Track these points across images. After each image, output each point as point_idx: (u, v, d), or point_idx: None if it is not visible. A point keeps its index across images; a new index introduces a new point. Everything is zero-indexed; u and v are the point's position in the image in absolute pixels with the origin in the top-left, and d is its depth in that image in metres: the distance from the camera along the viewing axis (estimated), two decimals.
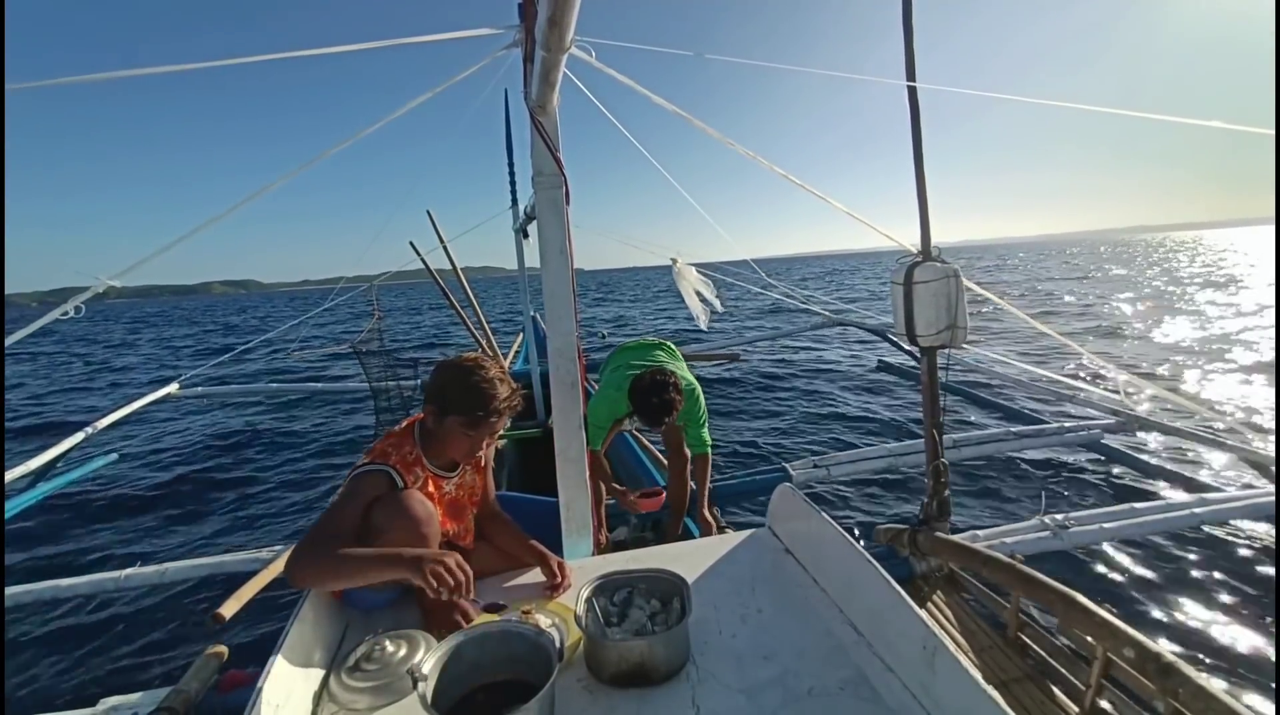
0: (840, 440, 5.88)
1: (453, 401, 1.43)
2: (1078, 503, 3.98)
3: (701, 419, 2.56)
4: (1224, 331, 10.76)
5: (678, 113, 1.68)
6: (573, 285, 1.72)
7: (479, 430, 1.44)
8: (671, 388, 2.31)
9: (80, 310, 1.31)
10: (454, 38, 1.45)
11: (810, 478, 3.06)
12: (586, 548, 1.86)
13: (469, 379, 1.42)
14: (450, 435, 1.45)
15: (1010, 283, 28.37)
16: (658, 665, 1.17)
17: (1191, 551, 3.19)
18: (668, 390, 2.29)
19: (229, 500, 5.08)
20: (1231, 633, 2.59)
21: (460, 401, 1.42)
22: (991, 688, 0.94)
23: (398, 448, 1.45)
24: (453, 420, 1.43)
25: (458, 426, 1.43)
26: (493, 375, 1.44)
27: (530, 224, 3.89)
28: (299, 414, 8.12)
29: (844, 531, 1.41)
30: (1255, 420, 5.65)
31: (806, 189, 2.06)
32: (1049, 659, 1.69)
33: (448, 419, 1.44)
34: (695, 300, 2.65)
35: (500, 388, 1.44)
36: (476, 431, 1.44)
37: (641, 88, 1.60)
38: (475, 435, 1.45)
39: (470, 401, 1.41)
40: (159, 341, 23.28)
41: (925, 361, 2.18)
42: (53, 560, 4.03)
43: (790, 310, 14.74)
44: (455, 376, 1.43)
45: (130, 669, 2.78)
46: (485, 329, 5.64)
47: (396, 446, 1.45)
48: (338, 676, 1.20)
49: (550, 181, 1.66)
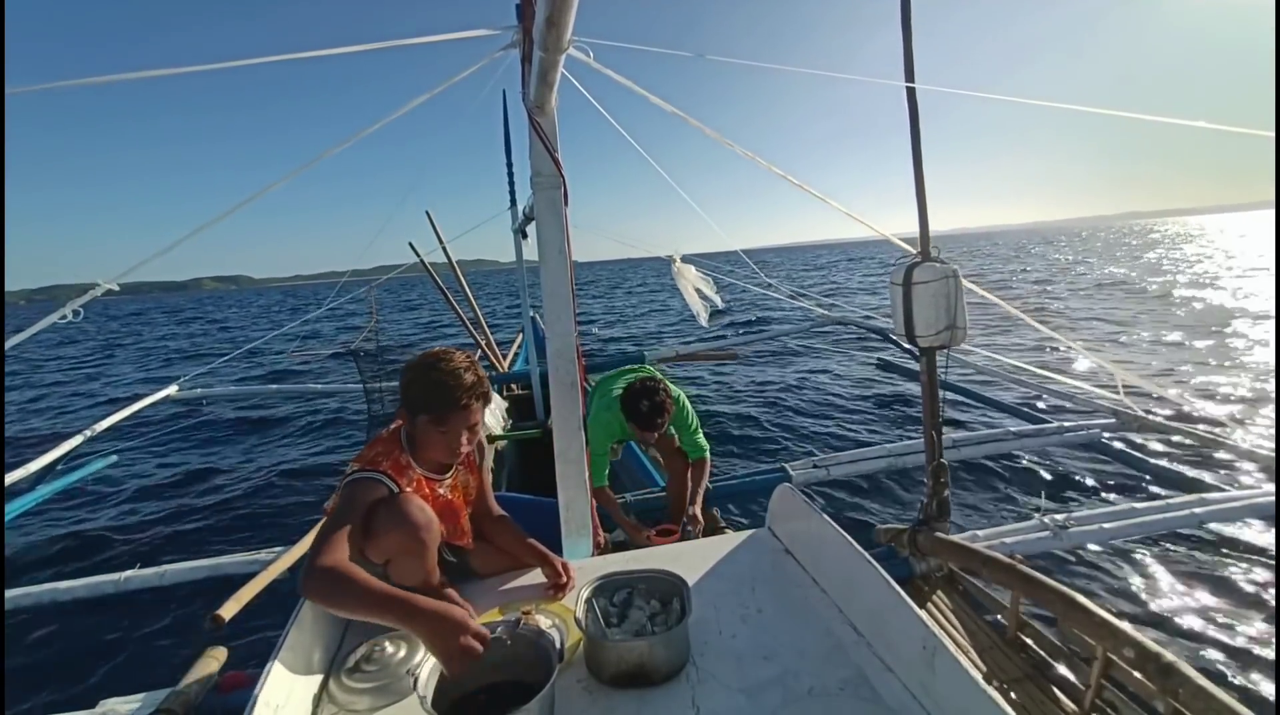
0: (840, 440, 5.88)
1: (419, 400, 1.39)
2: (1077, 502, 3.98)
3: (693, 425, 2.64)
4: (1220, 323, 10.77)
5: (675, 112, 1.68)
6: (571, 285, 1.72)
7: (450, 424, 1.40)
8: (661, 391, 2.42)
9: (79, 314, 1.31)
10: (452, 38, 1.45)
11: (810, 478, 3.06)
12: (586, 548, 1.86)
13: (430, 374, 1.38)
14: (425, 435, 1.42)
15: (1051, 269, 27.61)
16: (658, 666, 1.17)
17: (1191, 551, 3.19)
18: (657, 393, 2.40)
19: (228, 502, 5.07)
20: (1231, 632, 2.59)
21: (425, 399, 1.38)
22: (991, 688, 0.94)
23: (387, 453, 1.41)
24: (423, 420, 1.40)
25: (428, 425, 1.39)
26: (454, 365, 1.39)
27: (529, 224, 3.89)
28: (298, 415, 8.11)
29: (844, 531, 1.41)
30: (1255, 418, 5.66)
31: (805, 189, 2.07)
32: (1049, 659, 1.69)
33: (419, 419, 1.40)
34: (695, 297, 2.65)
35: (464, 377, 1.38)
36: (448, 426, 1.40)
37: (639, 88, 1.60)
38: (448, 430, 1.40)
39: (434, 397, 1.37)
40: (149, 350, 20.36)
41: (925, 362, 2.18)
42: (52, 562, 4.02)
43: (790, 309, 14.75)
44: (417, 374, 1.39)
45: (130, 670, 2.77)
46: (483, 327, 5.63)
47: (386, 452, 1.42)
48: (337, 678, 1.20)
49: (549, 182, 1.66)
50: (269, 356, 13.79)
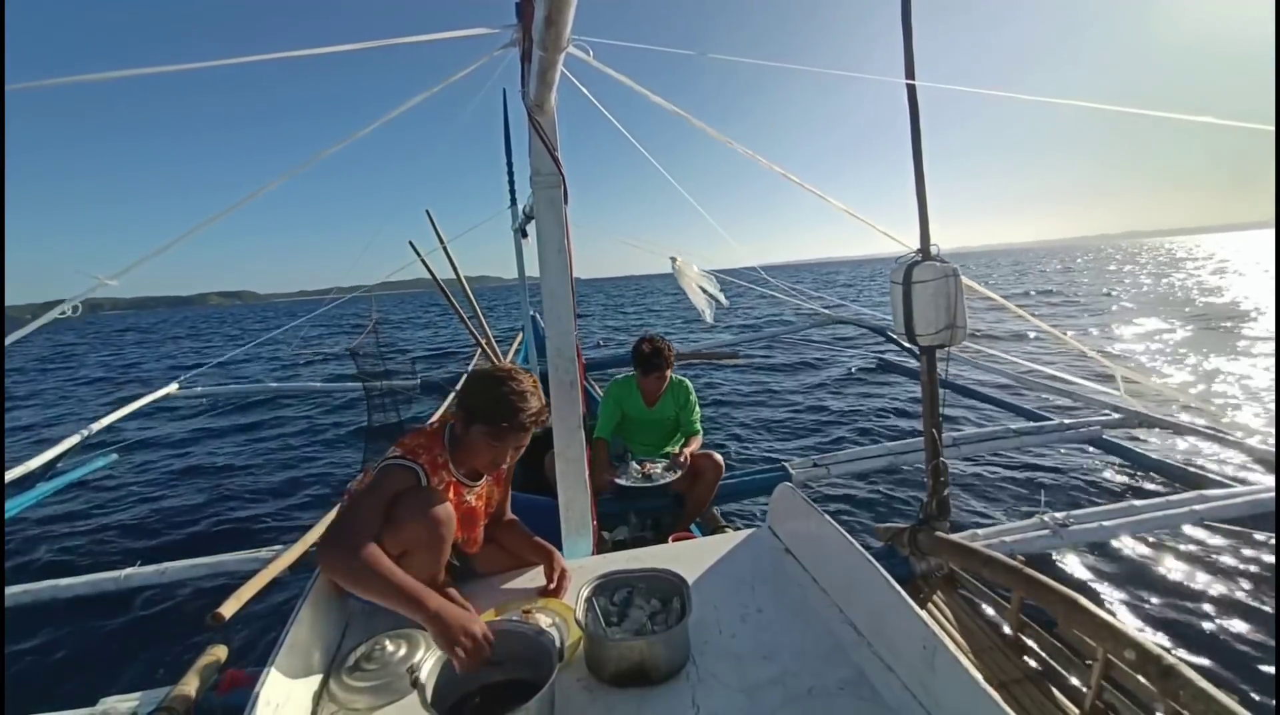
0: (840, 439, 5.88)
1: (479, 409, 1.43)
2: (1078, 500, 3.98)
3: (695, 408, 2.97)
4: (1224, 328, 10.76)
5: (677, 112, 1.68)
6: (571, 284, 1.72)
7: (503, 441, 1.44)
8: (662, 342, 2.83)
9: (78, 309, 1.31)
10: (451, 37, 1.45)
11: (810, 477, 3.06)
12: (586, 547, 1.86)
13: (498, 389, 1.42)
14: (475, 443, 1.46)
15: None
16: (658, 665, 1.17)
17: (1192, 549, 3.18)
18: (657, 341, 2.82)
19: (228, 500, 5.07)
20: (1232, 631, 2.59)
21: (487, 410, 1.42)
22: (991, 688, 0.94)
23: (428, 448, 1.45)
24: (478, 428, 1.44)
25: (482, 435, 1.44)
26: (523, 388, 1.44)
27: (529, 224, 3.88)
28: (298, 414, 8.11)
29: (844, 531, 1.41)
30: (1255, 416, 5.65)
31: (807, 188, 2.06)
32: (1049, 659, 1.69)
33: (474, 427, 1.44)
34: (699, 295, 2.65)
35: (530, 401, 1.44)
36: (500, 442, 1.44)
37: (640, 87, 1.60)
38: (499, 446, 1.45)
39: (496, 411, 1.41)
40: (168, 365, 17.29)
41: (925, 361, 2.17)
42: (52, 560, 4.02)
43: (789, 308, 14.75)
44: (485, 385, 1.44)
45: (130, 668, 2.77)
46: (485, 330, 5.63)
47: (427, 447, 1.45)
48: (337, 676, 1.20)
49: (548, 181, 1.66)
50: (270, 360, 13.80)
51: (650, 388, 2.85)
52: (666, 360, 2.80)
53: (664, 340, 2.85)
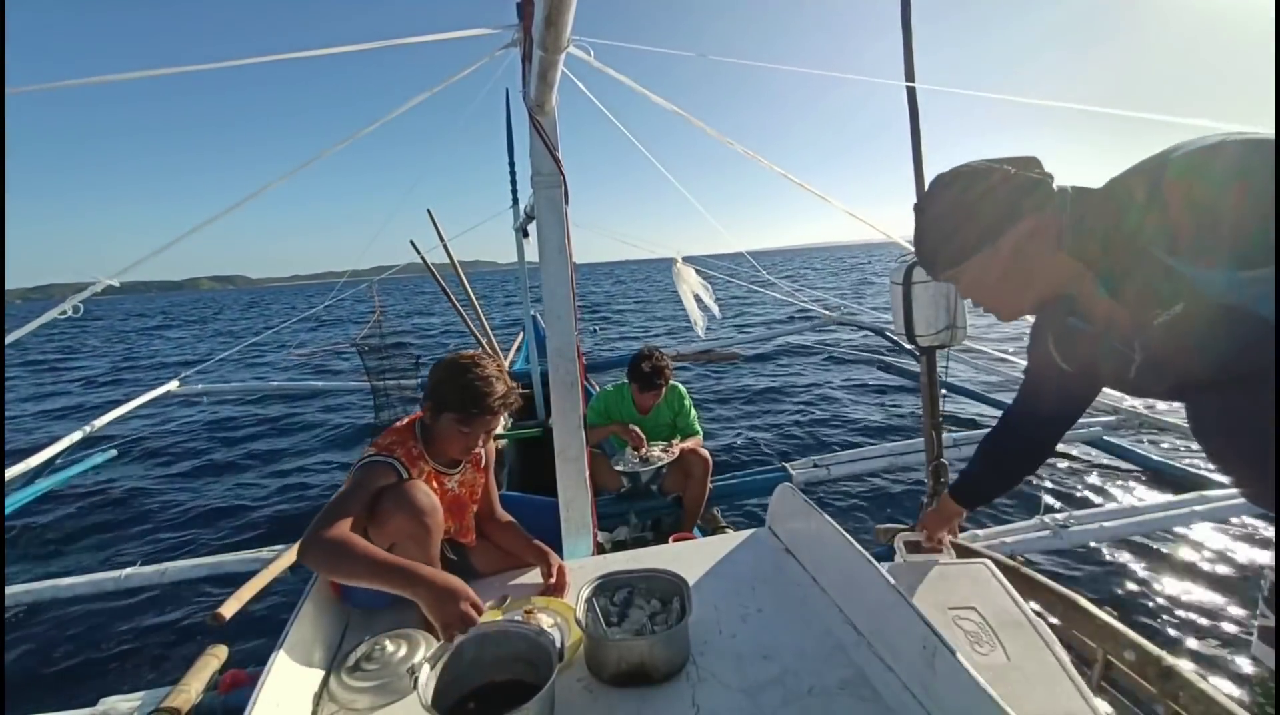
0: (840, 440, 5.88)
1: (447, 398, 1.44)
2: (1078, 501, 3.98)
3: (691, 411, 3.03)
4: None
5: (677, 111, 1.68)
6: (572, 284, 1.72)
7: (473, 426, 1.45)
8: (660, 356, 2.85)
9: (79, 309, 1.31)
10: (452, 37, 1.45)
11: (810, 478, 3.06)
12: (586, 548, 1.86)
13: (464, 376, 1.43)
14: (446, 432, 1.47)
15: None
16: (658, 665, 1.17)
17: (1192, 549, 3.18)
18: (654, 357, 2.84)
19: (229, 498, 5.07)
20: (1232, 632, 2.59)
21: (454, 398, 1.43)
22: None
23: (402, 442, 1.46)
24: (447, 416, 1.44)
25: (452, 423, 1.44)
26: (488, 373, 1.45)
27: (530, 223, 3.88)
28: (299, 412, 8.11)
29: (844, 531, 1.41)
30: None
31: (805, 188, 2.06)
32: None
33: (443, 415, 1.45)
34: (693, 305, 2.66)
35: (496, 385, 1.44)
36: (470, 428, 1.45)
37: (640, 87, 1.60)
38: (469, 432, 1.46)
39: (464, 398, 1.42)
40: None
41: (924, 361, 2.18)
42: (52, 559, 4.02)
43: (789, 308, 14.73)
44: (450, 373, 1.45)
45: (130, 669, 2.77)
46: (485, 326, 5.64)
47: (401, 441, 1.46)
48: (338, 676, 1.20)
49: (549, 181, 1.66)
50: (273, 356, 13.80)
51: (645, 402, 2.91)
52: (665, 378, 2.86)
53: (663, 356, 2.89)
